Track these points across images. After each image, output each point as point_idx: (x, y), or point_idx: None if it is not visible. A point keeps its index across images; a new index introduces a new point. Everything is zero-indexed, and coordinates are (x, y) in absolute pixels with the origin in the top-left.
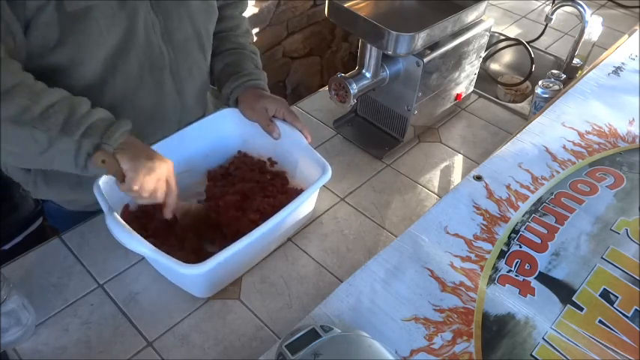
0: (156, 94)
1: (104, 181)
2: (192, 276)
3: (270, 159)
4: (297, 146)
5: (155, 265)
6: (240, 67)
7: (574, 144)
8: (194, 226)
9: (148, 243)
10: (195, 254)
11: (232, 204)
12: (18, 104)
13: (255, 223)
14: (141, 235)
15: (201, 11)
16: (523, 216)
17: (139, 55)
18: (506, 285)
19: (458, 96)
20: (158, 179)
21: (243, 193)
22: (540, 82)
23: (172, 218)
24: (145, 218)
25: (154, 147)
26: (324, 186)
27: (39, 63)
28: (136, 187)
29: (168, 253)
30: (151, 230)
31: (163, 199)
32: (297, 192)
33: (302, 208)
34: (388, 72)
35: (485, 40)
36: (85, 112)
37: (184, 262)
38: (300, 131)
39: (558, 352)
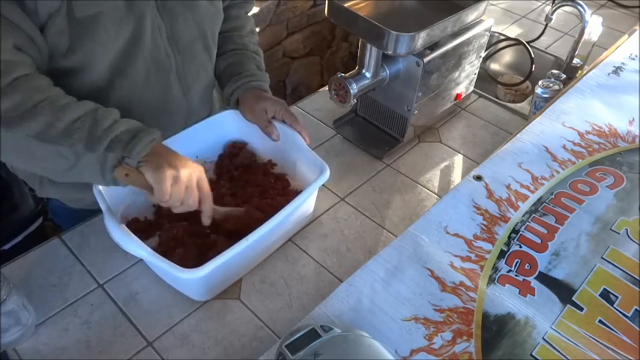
0: (162, 97)
1: None
2: (190, 280)
3: (270, 161)
4: (296, 148)
5: (153, 268)
6: (241, 68)
7: (574, 144)
8: (236, 231)
9: (145, 246)
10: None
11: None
12: (42, 121)
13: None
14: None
15: (208, 14)
16: (523, 216)
17: (145, 59)
18: (507, 285)
19: (458, 96)
20: (187, 187)
21: (252, 196)
22: (540, 82)
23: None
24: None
25: None
26: (324, 186)
27: (47, 68)
28: (165, 199)
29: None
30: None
31: (197, 206)
32: (295, 193)
33: (300, 209)
34: (388, 72)
35: (485, 40)
36: (108, 125)
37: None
38: (299, 133)
39: (558, 352)
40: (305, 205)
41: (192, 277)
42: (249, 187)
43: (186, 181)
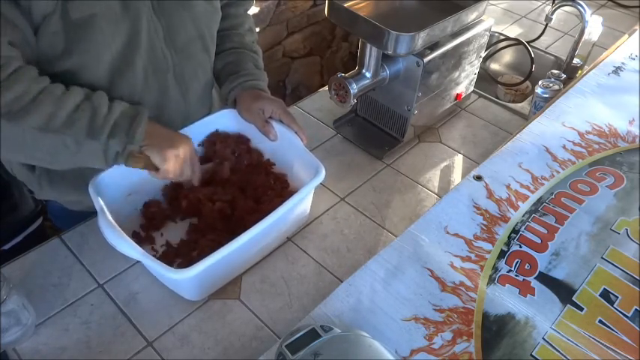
0: (160, 97)
1: (101, 180)
2: (181, 280)
3: (268, 160)
4: (292, 148)
5: (148, 268)
6: (239, 67)
7: (574, 144)
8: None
9: (137, 247)
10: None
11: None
12: (45, 112)
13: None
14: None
15: (205, 13)
16: (523, 216)
17: (142, 59)
18: (506, 285)
19: (458, 96)
20: (184, 161)
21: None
22: (540, 82)
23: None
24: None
25: None
26: (324, 186)
27: (46, 70)
28: (170, 176)
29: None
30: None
31: (192, 175)
32: (291, 194)
33: (295, 210)
34: (388, 72)
35: (485, 40)
36: (106, 112)
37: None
38: (295, 133)
39: (558, 352)
40: (300, 205)
41: (182, 278)
42: (250, 187)
43: (184, 156)
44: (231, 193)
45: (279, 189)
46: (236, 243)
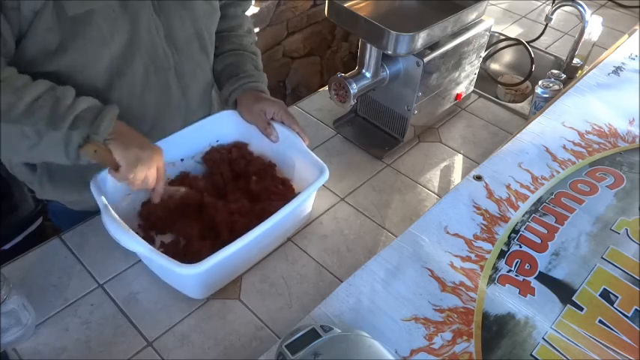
0: (162, 96)
1: (103, 177)
2: (188, 277)
3: (269, 162)
4: (294, 149)
5: (150, 266)
6: (239, 69)
7: (574, 144)
8: (178, 208)
9: (143, 241)
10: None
11: (239, 208)
12: (3, 102)
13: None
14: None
15: (204, 12)
16: (523, 216)
17: (143, 58)
18: (507, 285)
19: (458, 96)
20: (149, 168)
21: (253, 196)
22: (540, 82)
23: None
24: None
25: None
26: (324, 186)
27: (44, 69)
28: (130, 177)
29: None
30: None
31: (154, 186)
32: (294, 194)
33: (299, 210)
34: (388, 72)
35: (485, 40)
36: (70, 103)
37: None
38: (297, 134)
39: (558, 352)
40: (303, 205)
41: (190, 273)
42: (256, 191)
43: (149, 161)
44: (238, 201)
45: (282, 193)
46: (241, 242)
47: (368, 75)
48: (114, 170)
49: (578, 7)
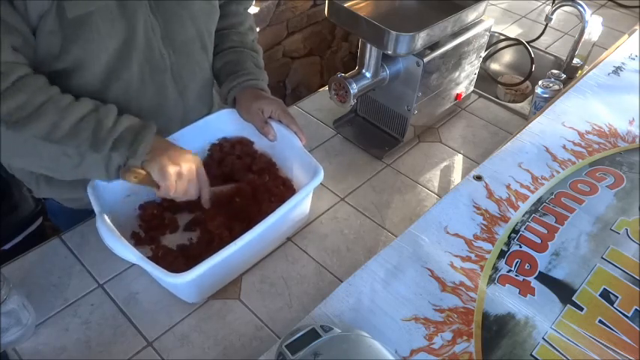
0: (158, 97)
1: (99, 182)
2: (179, 284)
3: (270, 159)
4: (292, 148)
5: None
6: (239, 67)
7: (574, 144)
8: (219, 206)
9: (135, 250)
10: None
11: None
12: (48, 121)
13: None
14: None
15: (203, 11)
16: (523, 216)
17: (139, 59)
18: (507, 285)
19: (458, 96)
20: (189, 180)
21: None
22: (540, 82)
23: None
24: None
25: None
26: (324, 186)
27: (43, 71)
28: (171, 194)
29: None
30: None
31: (198, 195)
32: (293, 193)
33: (294, 211)
34: (388, 72)
35: (485, 39)
36: (111, 125)
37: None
38: (295, 133)
39: (558, 352)
40: (299, 207)
41: (179, 282)
42: (257, 190)
43: (188, 174)
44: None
45: (283, 192)
46: (234, 246)
47: (368, 75)
48: (155, 188)
49: (578, 7)
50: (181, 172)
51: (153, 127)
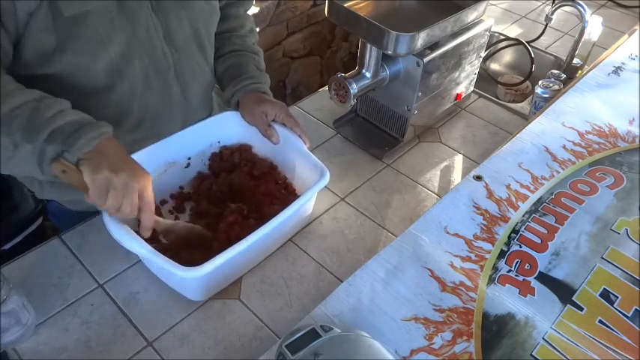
0: (162, 96)
1: None
2: (188, 279)
3: (270, 163)
4: (295, 151)
5: (150, 267)
6: (241, 71)
7: (574, 144)
8: (180, 243)
9: (145, 243)
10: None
11: (234, 220)
12: None
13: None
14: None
15: (203, 12)
16: (523, 216)
17: (142, 59)
18: (507, 285)
19: (458, 96)
20: (124, 195)
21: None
22: (540, 82)
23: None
24: None
25: (151, 148)
26: (324, 186)
27: (43, 71)
28: (100, 202)
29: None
30: None
31: (135, 216)
32: (295, 196)
33: (298, 213)
34: (388, 72)
35: (485, 40)
36: (50, 115)
37: (188, 262)
38: (299, 136)
39: (558, 352)
40: (303, 208)
41: (193, 276)
42: (259, 195)
43: (122, 186)
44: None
45: (285, 198)
46: (242, 245)
47: (368, 75)
48: (87, 193)
49: (578, 7)
50: (114, 182)
51: (104, 127)
